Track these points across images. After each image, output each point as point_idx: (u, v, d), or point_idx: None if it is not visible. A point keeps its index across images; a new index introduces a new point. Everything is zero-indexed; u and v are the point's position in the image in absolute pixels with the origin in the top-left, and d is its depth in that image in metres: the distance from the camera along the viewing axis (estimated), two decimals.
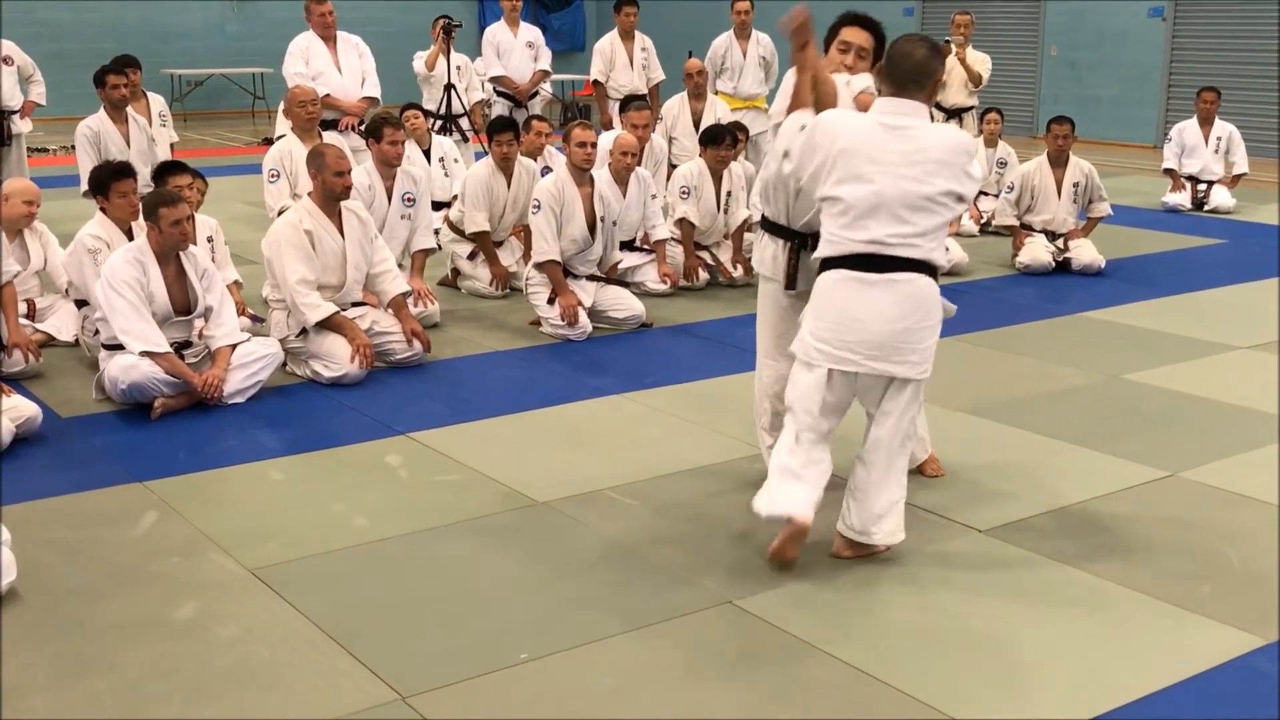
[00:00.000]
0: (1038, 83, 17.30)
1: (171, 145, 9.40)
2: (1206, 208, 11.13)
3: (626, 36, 10.60)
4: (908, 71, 3.99)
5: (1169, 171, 11.42)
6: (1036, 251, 8.66)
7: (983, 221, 10.05)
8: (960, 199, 3.99)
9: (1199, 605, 3.85)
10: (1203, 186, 11.23)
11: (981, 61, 11.17)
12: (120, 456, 5.10)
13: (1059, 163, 8.79)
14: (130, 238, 6.08)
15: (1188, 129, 11.32)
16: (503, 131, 7.80)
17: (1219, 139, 11.23)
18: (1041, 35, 17.23)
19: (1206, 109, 11.22)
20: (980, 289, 8.30)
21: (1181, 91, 15.27)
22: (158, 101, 9.52)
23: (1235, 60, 15.12)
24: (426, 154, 9.33)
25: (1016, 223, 8.92)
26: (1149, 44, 16.05)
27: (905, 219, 3.91)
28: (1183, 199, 11.23)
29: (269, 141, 10.49)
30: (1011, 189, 8.95)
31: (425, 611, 3.81)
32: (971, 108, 11.24)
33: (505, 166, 7.80)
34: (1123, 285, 8.19)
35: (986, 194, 10.30)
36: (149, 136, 8.65)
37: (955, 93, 11.22)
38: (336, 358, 6.03)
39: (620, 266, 7.63)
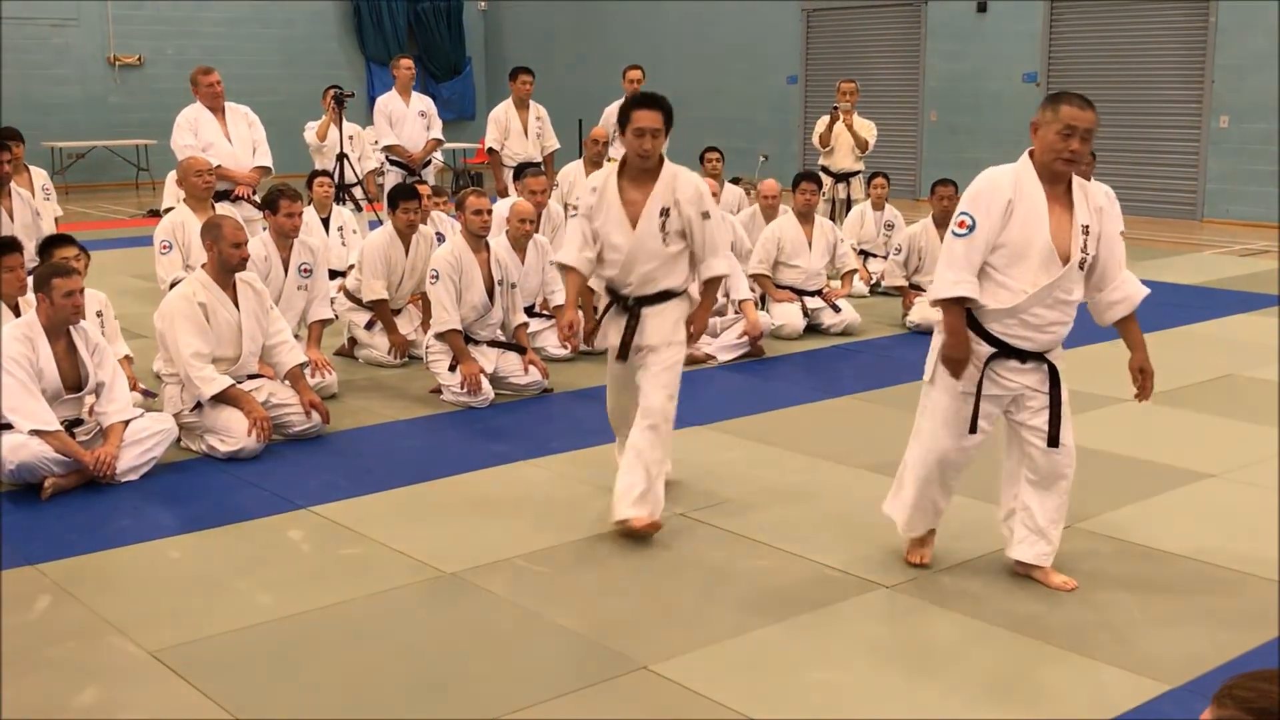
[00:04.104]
0: (919, 147, 17.76)
1: (56, 219, 9.19)
2: None
3: (521, 105, 10.67)
4: None
5: None
6: (926, 310, 8.81)
7: (873, 282, 10.26)
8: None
9: (1104, 654, 3.93)
10: None
11: (867, 128, 11.47)
12: (11, 539, 4.93)
13: (944, 224, 8.99)
14: (17, 314, 5.92)
15: None
16: (408, 199, 7.79)
17: None
18: (922, 101, 17.71)
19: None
20: (873, 348, 8.45)
21: None
22: (40, 175, 9.31)
23: (1108, 123, 15.63)
24: (325, 222, 9.28)
25: (905, 283, 9.12)
26: (1024, 108, 16.53)
27: None
28: None
29: (155, 214, 10.34)
30: (900, 250, 9.16)
31: (333, 688, 3.73)
32: (859, 172, 11.53)
33: (406, 234, 7.78)
34: None
35: (875, 255, 10.53)
36: (33, 210, 8.43)
37: (843, 158, 11.50)
38: (233, 431, 5.92)
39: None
